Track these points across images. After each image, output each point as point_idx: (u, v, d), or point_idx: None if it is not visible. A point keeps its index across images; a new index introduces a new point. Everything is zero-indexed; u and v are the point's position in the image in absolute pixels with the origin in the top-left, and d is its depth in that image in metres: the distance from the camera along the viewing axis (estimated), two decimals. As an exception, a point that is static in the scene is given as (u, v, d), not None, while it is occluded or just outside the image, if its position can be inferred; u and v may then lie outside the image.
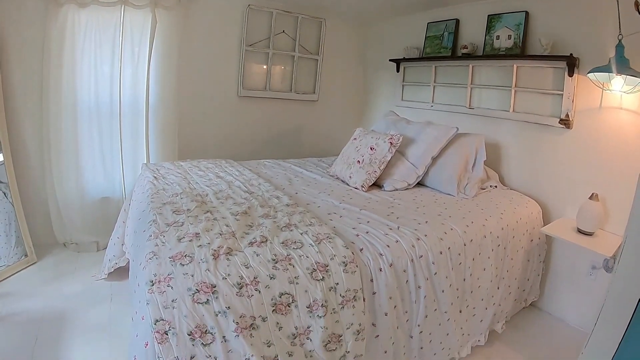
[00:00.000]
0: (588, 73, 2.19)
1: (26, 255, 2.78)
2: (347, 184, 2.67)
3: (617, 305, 1.00)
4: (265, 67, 3.78)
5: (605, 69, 2.06)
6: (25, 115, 2.82)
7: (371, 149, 2.65)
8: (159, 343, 1.23)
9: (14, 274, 2.63)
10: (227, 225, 1.75)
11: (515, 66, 2.77)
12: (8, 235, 2.68)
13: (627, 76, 2.03)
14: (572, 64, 2.42)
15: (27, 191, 2.90)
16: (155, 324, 1.24)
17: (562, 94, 2.51)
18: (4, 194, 2.69)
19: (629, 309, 0.95)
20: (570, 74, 2.45)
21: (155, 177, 2.43)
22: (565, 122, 2.50)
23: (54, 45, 2.71)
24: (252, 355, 1.31)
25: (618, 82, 2.16)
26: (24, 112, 2.81)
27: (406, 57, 3.62)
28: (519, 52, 2.72)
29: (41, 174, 2.94)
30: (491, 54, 2.90)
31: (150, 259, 1.45)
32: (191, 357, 1.25)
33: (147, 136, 3.17)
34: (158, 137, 3.22)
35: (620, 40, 2.04)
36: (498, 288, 2.25)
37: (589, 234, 2.28)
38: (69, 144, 2.91)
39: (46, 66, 2.74)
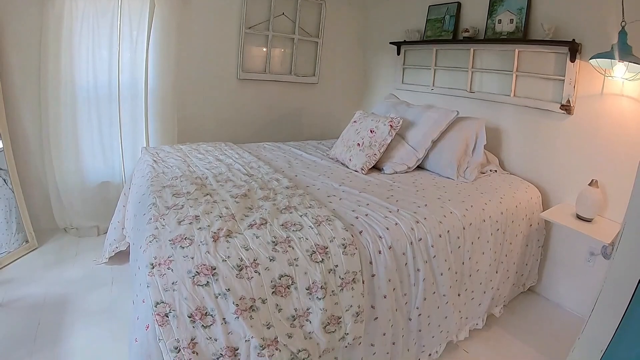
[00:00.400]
0: (590, 59, 2.17)
1: (27, 242, 2.78)
2: (347, 167, 2.67)
3: (614, 292, 1.01)
4: (264, 49, 3.74)
5: (608, 55, 2.04)
6: (23, 102, 2.79)
7: (371, 131, 2.64)
8: (160, 325, 1.24)
9: (16, 260, 2.64)
10: (226, 208, 1.75)
11: (516, 51, 2.74)
12: (9, 221, 2.68)
13: (630, 63, 2.01)
14: (574, 49, 2.39)
15: (27, 177, 2.89)
16: (155, 307, 1.25)
17: (564, 80, 2.48)
18: (4, 180, 2.67)
19: (626, 296, 0.95)
20: (572, 60, 2.42)
21: (154, 160, 2.43)
22: (567, 108, 2.48)
23: (51, 30, 2.66)
24: (252, 337, 1.32)
25: (620, 69, 2.14)
26: (23, 99, 2.78)
27: (407, 40, 3.58)
28: (521, 36, 2.69)
29: (41, 160, 2.93)
30: (493, 38, 2.87)
31: (150, 242, 1.45)
32: (192, 339, 1.27)
33: (146, 120, 3.15)
34: (157, 120, 3.20)
35: (623, 27, 2.02)
36: (497, 272, 2.26)
37: (588, 221, 2.28)
38: (68, 129, 2.89)
39: (44, 51, 2.70)
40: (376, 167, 2.65)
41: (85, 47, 2.83)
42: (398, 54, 3.77)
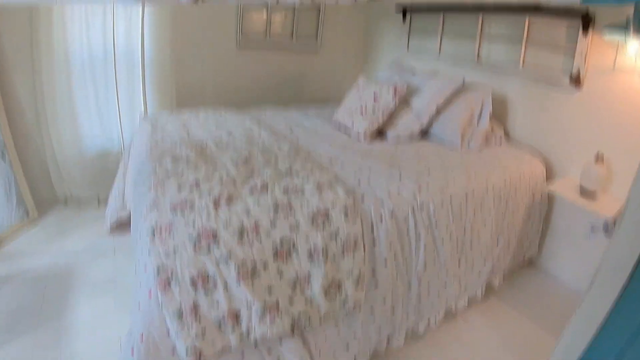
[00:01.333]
0: (603, 32, 2.10)
1: (28, 215, 2.78)
2: (350, 133, 2.64)
3: (613, 268, 1.00)
4: (265, 15, 3.65)
5: (622, 29, 1.96)
6: (17, 73, 2.72)
7: (374, 98, 2.61)
8: (162, 291, 1.24)
9: (17, 233, 2.64)
10: (227, 173, 1.73)
11: (527, 20, 2.66)
12: (9, 196, 2.66)
13: None
14: (587, 21, 2.31)
15: (25, 151, 2.86)
16: (157, 273, 1.25)
17: (575, 52, 2.41)
18: (2, 154, 2.64)
19: (625, 273, 0.95)
20: (585, 32, 2.34)
21: (153, 127, 2.40)
22: (576, 81, 2.42)
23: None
24: (254, 302, 1.33)
25: (633, 44, 2.06)
26: (16, 70, 2.71)
27: (413, 6, 3.48)
28: (532, 5, 2.60)
29: (38, 132, 2.89)
30: (503, 6, 2.78)
31: (150, 209, 1.44)
32: (194, 304, 1.27)
33: (144, 87, 3.10)
34: (155, 87, 3.14)
35: (638, 2, 1.95)
36: (497, 243, 2.26)
37: (591, 196, 2.26)
38: (64, 99, 2.83)
39: (35, 21, 2.61)
40: (379, 134, 2.62)
41: (78, 16, 2.73)
42: (404, 19, 3.67)
